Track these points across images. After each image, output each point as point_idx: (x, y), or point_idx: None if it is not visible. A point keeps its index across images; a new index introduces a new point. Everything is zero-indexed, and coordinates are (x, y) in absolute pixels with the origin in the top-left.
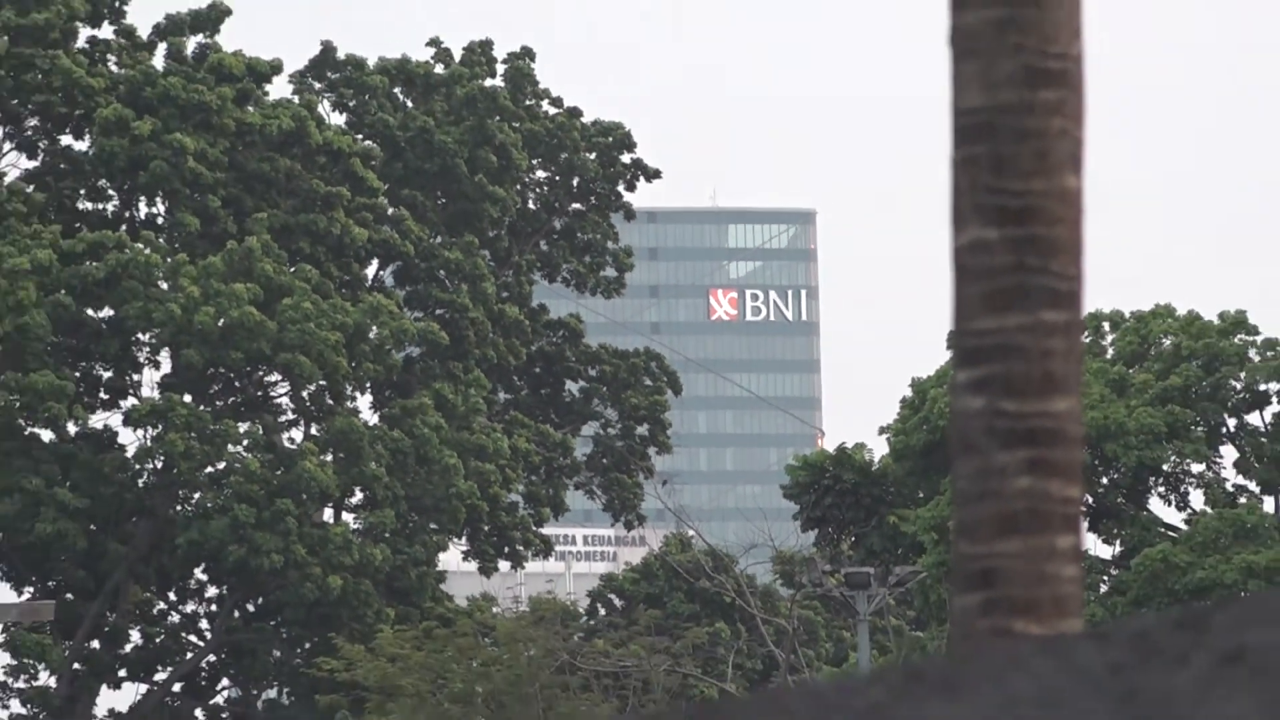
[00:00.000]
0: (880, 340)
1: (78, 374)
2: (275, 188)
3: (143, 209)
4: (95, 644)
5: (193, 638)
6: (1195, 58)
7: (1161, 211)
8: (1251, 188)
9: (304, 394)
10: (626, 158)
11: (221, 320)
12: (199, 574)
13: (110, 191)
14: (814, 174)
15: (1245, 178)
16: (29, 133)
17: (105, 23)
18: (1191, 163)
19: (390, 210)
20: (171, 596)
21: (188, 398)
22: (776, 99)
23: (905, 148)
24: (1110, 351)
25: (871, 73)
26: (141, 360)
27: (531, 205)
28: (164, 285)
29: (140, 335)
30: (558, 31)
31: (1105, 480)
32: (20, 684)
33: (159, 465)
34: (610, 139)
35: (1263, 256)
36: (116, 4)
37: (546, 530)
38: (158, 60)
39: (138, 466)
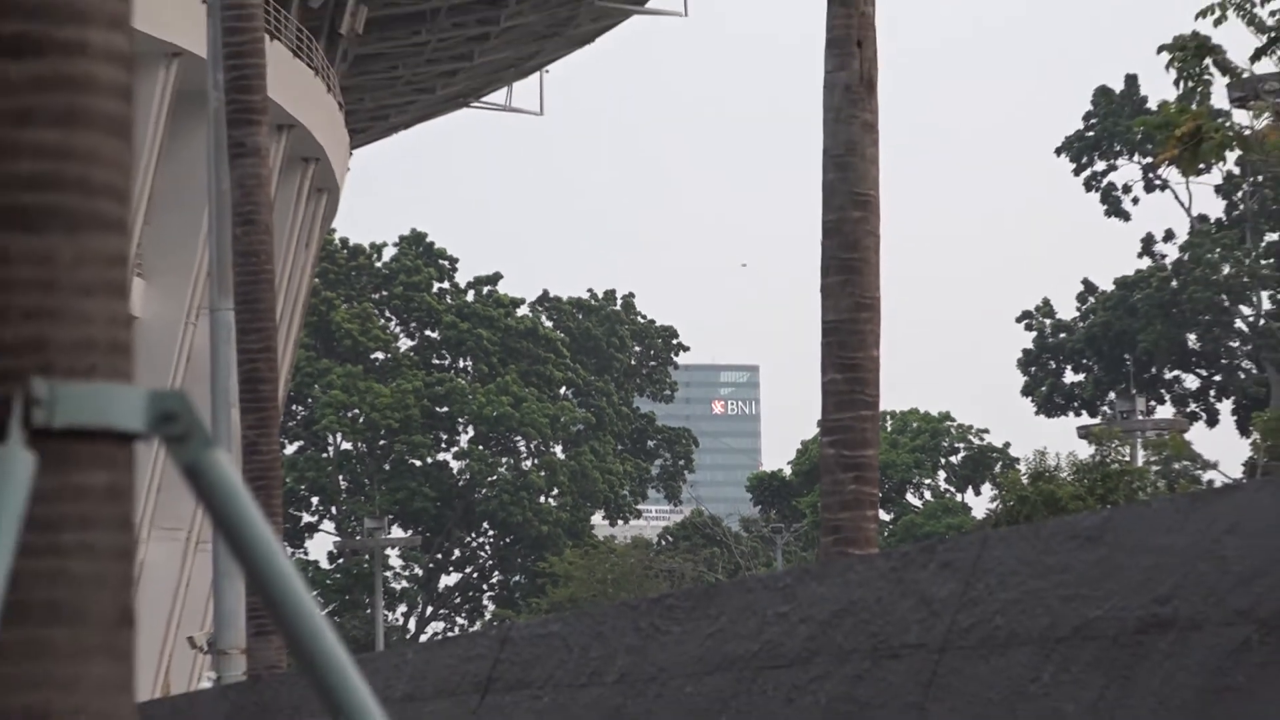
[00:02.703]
0: (787, 424)
1: (430, 436)
2: (519, 354)
3: (461, 363)
4: (439, 555)
5: (482, 554)
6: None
7: (914, 346)
8: (963, 321)
9: (531, 445)
10: (675, 340)
11: (496, 413)
12: (486, 525)
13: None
14: (763, 337)
15: (962, 312)
16: (415, 322)
17: (446, 280)
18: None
19: (571, 364)
20: (473, 535)
21: (480, 446)
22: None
23: (800, 324)
24: (889, 428)
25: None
26: (456, 435)
27: (633, 362)
28: (469, 397)
29: (458, 419)
30: (643, 273)
31: (886, 486)
32: (406, 572)
33: (469, 477)
34: (668, 332)
35: (968, 372)
36: (451, 272)
37: (640, 507)
38: (469, 295)
39: (459, 478)
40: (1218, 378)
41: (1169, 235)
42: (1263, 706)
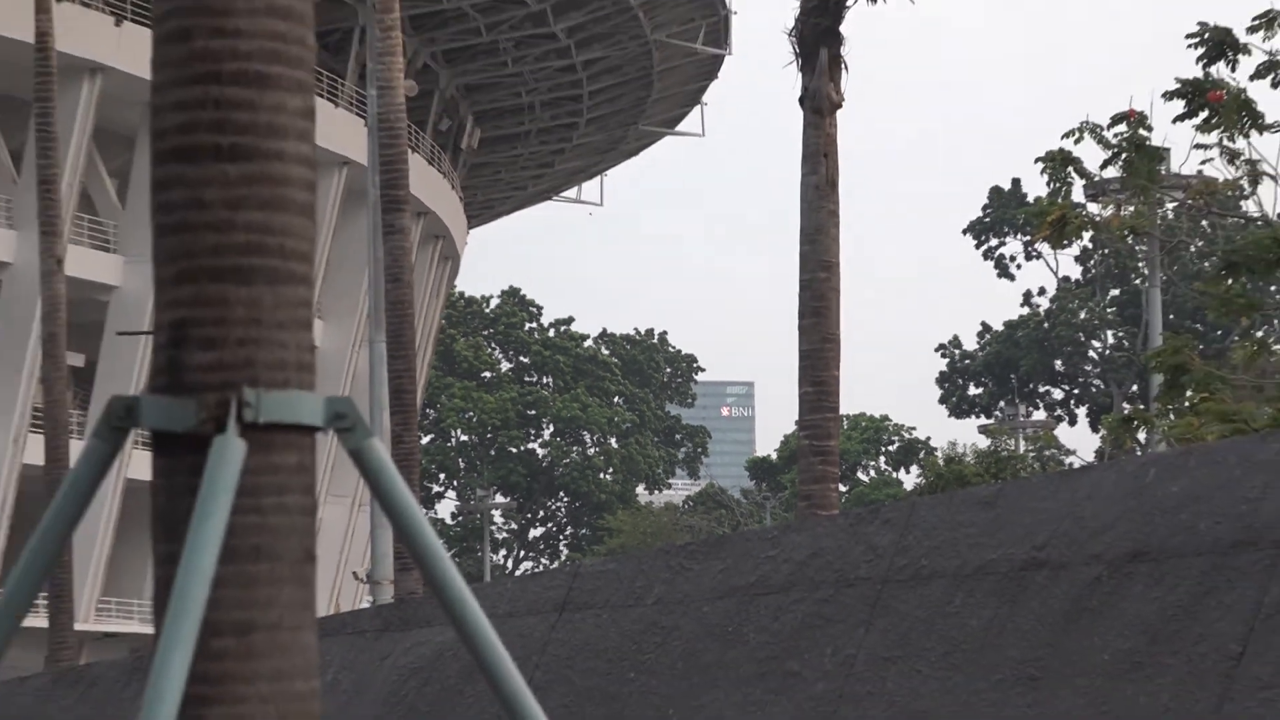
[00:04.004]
0: (774, 423)
1: (523, 431)
2: (586, 374)
3: (545, 380)
4: (529, 515)
5: (559, 514)
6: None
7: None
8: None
9: (594, 437)
10: (694, 364)
11: (569, 415)
12: (563, 494)
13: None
14: (757, 361)
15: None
16: (512, 351)
17: (534, 321)
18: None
19: (622, 380)
20: (553, 501)
21: (559, 439)
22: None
23: (783, 353)
24: (845, 425)
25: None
26: (541, 430)
27: (665, 379)
28: (551, 404)
29: (542, 419)
30: (673, 315)
31: (843, 467)
32: (506, 527)
33: (550, 460)
34: (690, 358)
35: (901, 386)
36: (538, 315)
37: (670, 481)
38: (551, 332)
39: (543, 461)
40: (1076, 391)
41: (1042, 291)
42: (1109, 623)
